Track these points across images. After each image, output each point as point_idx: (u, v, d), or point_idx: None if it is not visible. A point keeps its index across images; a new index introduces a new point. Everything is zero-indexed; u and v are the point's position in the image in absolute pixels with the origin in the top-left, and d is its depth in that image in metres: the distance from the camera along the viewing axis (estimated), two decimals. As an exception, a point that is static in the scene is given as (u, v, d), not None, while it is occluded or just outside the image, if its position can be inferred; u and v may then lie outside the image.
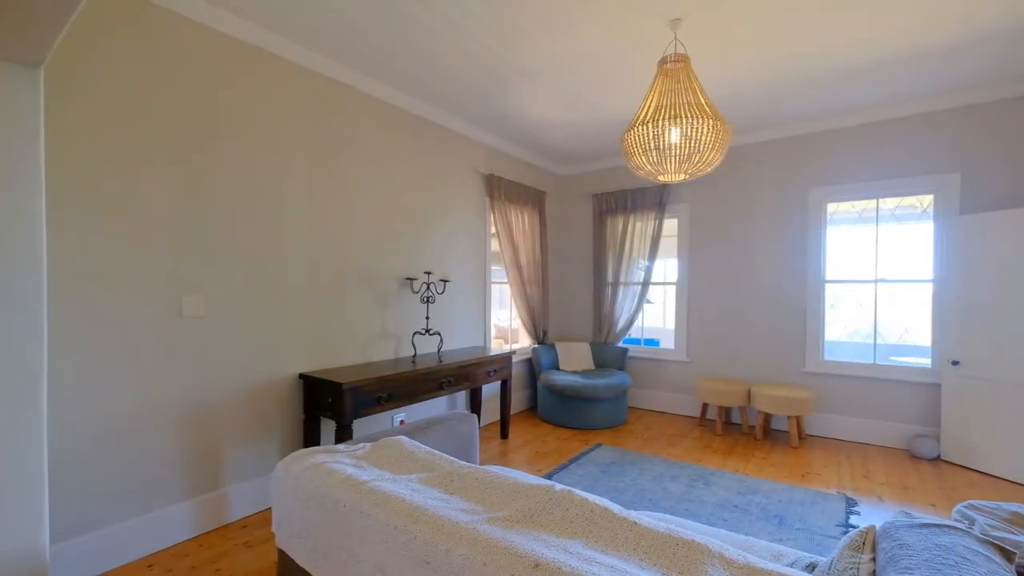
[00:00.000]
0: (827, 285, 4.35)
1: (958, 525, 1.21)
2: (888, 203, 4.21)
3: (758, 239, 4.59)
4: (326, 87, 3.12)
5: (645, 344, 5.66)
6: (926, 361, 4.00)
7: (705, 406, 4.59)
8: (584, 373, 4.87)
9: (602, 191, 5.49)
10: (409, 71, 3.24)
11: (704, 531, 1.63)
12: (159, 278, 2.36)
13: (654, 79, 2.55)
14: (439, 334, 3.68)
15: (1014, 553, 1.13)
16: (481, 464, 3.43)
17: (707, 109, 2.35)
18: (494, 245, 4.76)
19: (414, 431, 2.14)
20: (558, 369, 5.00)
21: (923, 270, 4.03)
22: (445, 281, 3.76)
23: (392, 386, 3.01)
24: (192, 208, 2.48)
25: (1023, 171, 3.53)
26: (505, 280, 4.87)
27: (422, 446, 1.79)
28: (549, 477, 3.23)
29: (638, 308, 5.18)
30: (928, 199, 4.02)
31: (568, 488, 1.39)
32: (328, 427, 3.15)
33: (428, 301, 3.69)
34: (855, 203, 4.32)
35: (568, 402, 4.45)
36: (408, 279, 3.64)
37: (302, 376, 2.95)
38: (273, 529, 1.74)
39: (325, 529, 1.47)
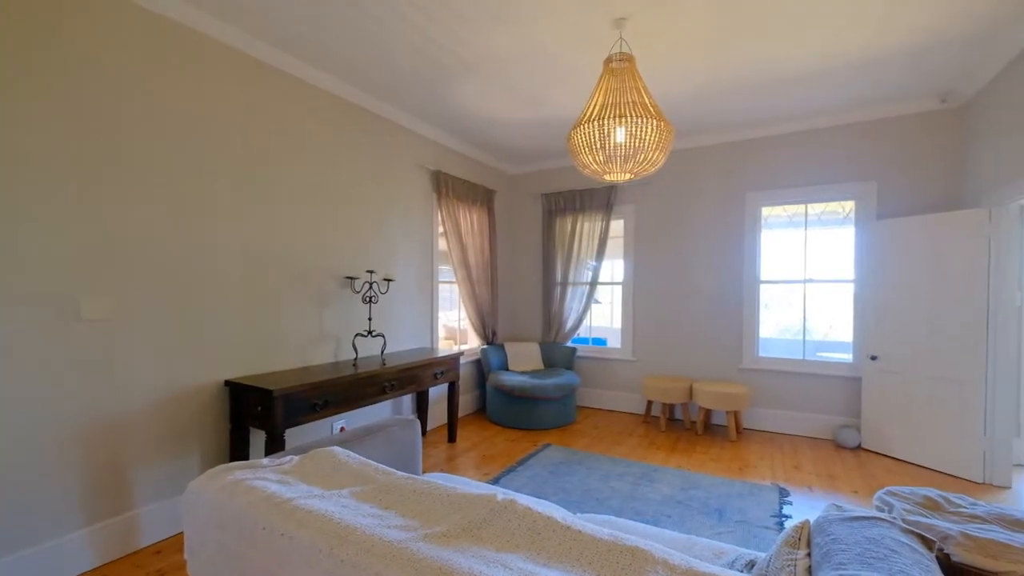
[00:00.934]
0: (762, 285, 4.57)
1: (884, 516, 1.25)
2: (815, 208, 4.48)
3: (699, 240, 4.75)
4: (257, 71, 2.89)
5: (593, 343, 5.73)
6: (848, 356, 4.29)
7: (650, 403, 4.70)
8: (533, 373, 4.84)
9: (551, 191, 5.49)
10: (351, 59, 3.07)
11: (648, 533, 1.62)
12: (50, 276, 2.08)
13: (600, 78, 2.55)
14: (382, 335, 3.51)
15: (934, 541, 1.18)
16: (426, 471, 3.31)
17: (651, 109, 2.37)
18: (442, 244, 4.64)
19: (350, 440, 2.00)
20: (507, 370, 4.95)
21: (846, 271, 4.32)
22: (389, 280, 3.61)
23: (330, 392, 2.83)
24: (95, 200, 2.20)
25: (930, 180, 3.85)
26: (454, 280, 4.76)
27: (357, 457, 1.66)
28: (497, 481, 3.17)
29: (586, 308, 5.22)
30: (850, 205, 4.31)
31: (511, 497, 1.32)
32: (258, 438, 2.92)
33: (371, 301, 3.52)
34: (787, 207, 4.57)
35: (517, 403, 4.40)
36: (349, 278, 3.45)
37: (228, 383, 2.71)
38: (185, 556, 1.56)
39: (243, 555, 1.32)
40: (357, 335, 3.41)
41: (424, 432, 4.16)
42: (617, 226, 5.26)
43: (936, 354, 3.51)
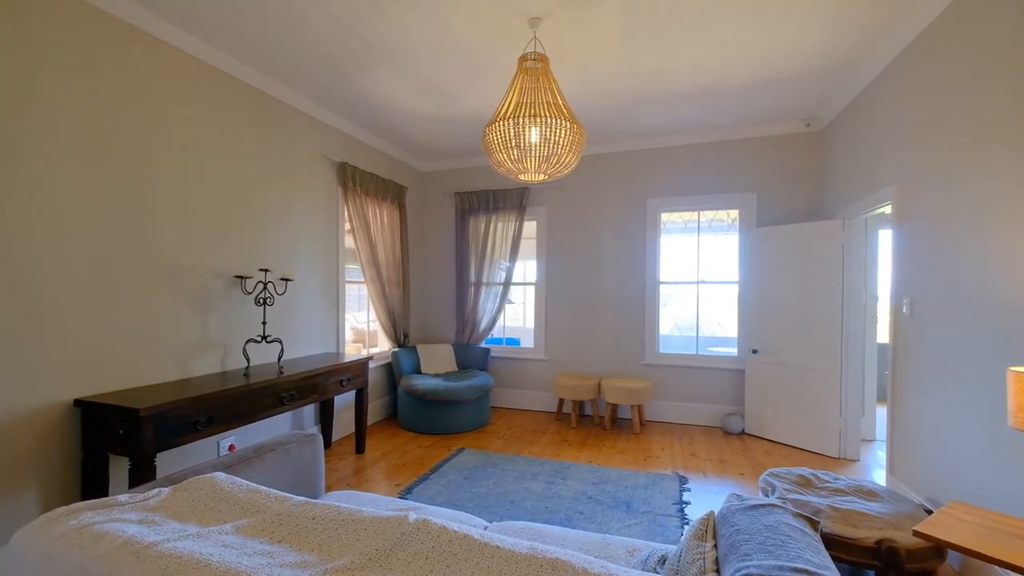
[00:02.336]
0: (661, 286, 4.89)
1: (778, 503, 1.34)
2: (706, 215, 4.90)
3: (606, 243, 4.96)
4: (118, 33, 2.45)
5: (507, 344, 5.75)
6: (734, 351, 4.74)
7: (561, 401, 4.81)
8: (447, 376, 4.72)
9: (465, 190, 5.41)
10: (244, 33, 2.73)
11: (565, 537, 1.61)
12: None
13: (515, 76, 2.52)
14: (279, 341, 3.19)
15: (818, 522, 1.30)
16: (330, 489, 3.06)
17: (565, 111, 2.39)
18: (350, 242, 4.34)
19: (238, 463, 1.75)
20: (420, 373, 4.77)
21: (732, 273, 4.77)
22: (287, 280, 3.28)
23: (215, 406, 2.49)
24: None
25: (799, 194, 4.38)
26: (362, 280, 4.49)
27: (244, 483, 1.45)
28: (409, 491, 3.02)
29: (500, 308, 5.22)
30: (735, 213, 4.76)
31: (424, 516, 1.22)
32: (121, 467, 2.48)
33: (265, 303, 3.17)
34: (682, 214, 4.94)
35: (430, 407, 4.26)
36: (238, 277, 3.08)
37: (80, 402, 2.26)
38: (9, 626, 1.24)
39: (90, 618, 1.07)
40: (249, 341, 3.05)
41: (328, 444, 3.85)
42: (530, 227, 5.33)
43: (803, 347, 4.00)
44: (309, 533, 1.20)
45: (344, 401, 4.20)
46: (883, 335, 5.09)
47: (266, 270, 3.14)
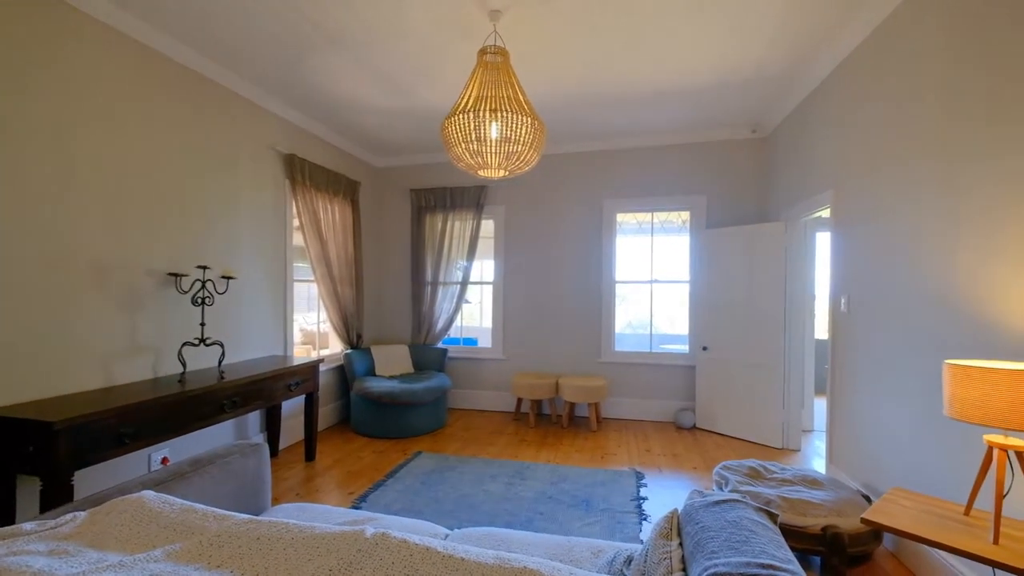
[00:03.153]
0: (617, 285, 4.97)
1: (739, 499, 1.36)
2: (660, 216, 5.03)
3: (564, 242, 4.99)
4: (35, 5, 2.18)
5: (464, 344, 5.67)
6: (685, 348, 4.90)
7: (519, 401, 4.79)
8: (403, 377, 4.59)
9: (421, 187, 5.28)
10: (184, 11, 2.51)
11: (529, 541, 1.57)
12: None
13: (474, 69, 2.46)
14: (220, 344, 2.96)
15: (776, 515, 1.33)
16: (277, 502, 2.87)
17: (526, 106, 2.36)
18: (299, 239, 4.12)
19: (171, 479, 1.59)
20: (374, 375, 4.60)
21: (683, 273, 4.93)
22: (228, 278, 3.06)
23: (145, 416, 2.27)
24: None
25: (746, 196, 4.58)
26: (312, 278, 4.27)
27: (178, 501, 1.31)
28: (364, 499, 2.88)
29: (457, 308, 5.13)
30: (686, 215, 4.92)
31: (382, 530, 1.14)
32: (31, 488, 2.22)
33: (204, 303, 2.94)
34: (636, 215, 5.05)
35: (385, 410, 4.11)
36: (173, 275, 2.83)
37: (-21, 417, 1.99)
38: None
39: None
40: (185, 344, 2.81)
41: (276, 452, 3.63)
42: (487, 226, 5.27)
43: (750, 344, 4.18)
44: (253, 555, 1.10)
45: (293, 406, 3.98)
46: (819, 331, 5.42)
47: (205, 267, 2.91)
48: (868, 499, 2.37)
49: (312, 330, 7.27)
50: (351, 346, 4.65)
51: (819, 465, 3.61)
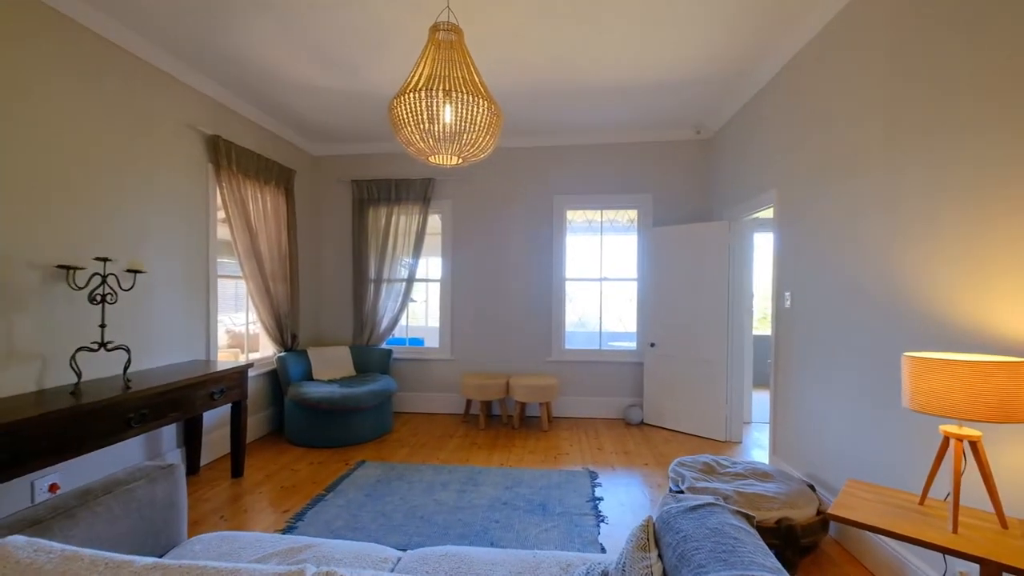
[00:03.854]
0: (567, 283, 4.94)
1: (714, 501, 1.30)
2: (608, 214, 5.06)
3: (513, 239, 4.88)
4: None
5: (410, 344, 5.41)
6: (633, 345, 4.95)
7: (469, 402, 4.63)
8: (344, 381, 4.28)
9: (363, 178, 4.97)
10: (63, -51, 2.12)
11: (493, 560, 1.43)
12: None
13: (425, 47, 2.27)
14: (126, 349, 2.57)
15: (753, 517, 1.28)
16: (196, 530, 2.53)
17: (482, 89, 2.21)
18: (225, 231, 3.70)
19: (51, 516, 1.29)
20: (312, 379, 4.26)
21: (631, 271, 4.98)
22: (136, 272, 2.66)
23: (24, 437, 1.88)
24: None
25: (690, 196, 4.70)
26: (240, 274, 3.87)
27: (56, 547, 1.04)
28: (302, 517, 2.61)
29: (403, 307, 4.88)
30: (634, 213, 4.98)
31: (328, 570, 0.95)
32: None
33: (104, 301, 2.53)
34: (586, 212, 5.04)
35: (325, 417, 3.80)
36: (64, 267, 2.41)
37: None
38: None
39: None
40: (81, 350, 2.40)
41: (196, 470, 3.23)
42: (434, 221, 5.06)
43: (696, 340, 4.28)
44: (158, 613, 0.87)
45: (217, 417, 3.58)
46: (756, 327, 5.69)
47: (106, 259, 2.51)
48: (813, 488, 2.45)
49: (240, 331, 6.68)
50: (285, 348, 4.27)
51: (760, 455, 3.75)
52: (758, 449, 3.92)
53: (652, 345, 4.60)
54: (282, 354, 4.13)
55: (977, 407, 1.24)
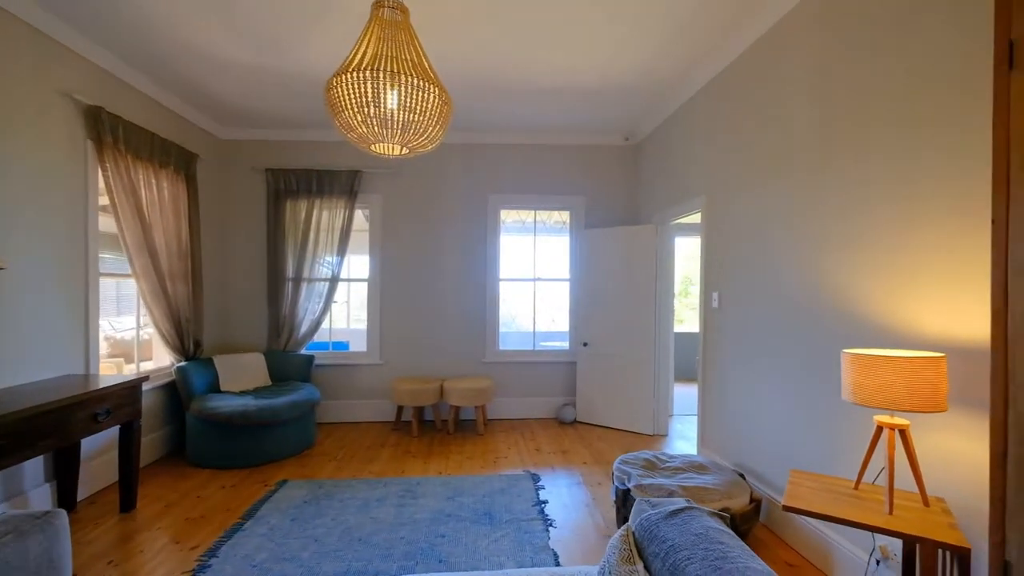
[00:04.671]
0: (501, 283, 4.89)
1: (689, 505, 1.30)
2: (542, 215, 5.09)
3: (446, 237, 4.73)
4: None
5: (334, 348, 5.03)
6: (566, 344, 5.03)
7: (400, 408, 4.40)
8: (259, 392, 3.84)
9: (281, 167, 4.52)
10: None
11: (464, 587, 1.31)
12: None
13: (368, 24, 2.08)
14: (-26, 365, 2.06)
15: (726, 516, 1.29)
16: None
17: (431, 75, 2.06)
18: (109, 222, 3.14)
19: None
20: (219, 391, 3.78)
21: (564, 271, 5.05)
22: (-9, 271, 2.15)
23: None
24: None
25: (621, 199, 4.86)
26: (129, 272, 3.31)
27: None
28: (214, 553, 2.27)
29: (326, 308, 4.51)
30: (566, 215, 5.05)
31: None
32: None
33: (-57, 307, 2.00)
34: (520, 212, 5.03)
35: (238, 434, 3.38)
36: None
37: None
38: None
39: None
40: (-94, 368, 1.87)
41: (73, 506, 2.70)
42: (362, 217, 4.75)
43: (626, 339, 4.44)
44: None
45: (102, 440, 3.02)
46: (677, 326, 6.04)
47: (-55, 254, 1.99)
48: (744, 477, 2.61)
49: (123, 338, 5.80)
50: (186, 357, 3.74)
51: (685, 447, 3.96)
52: (682, 441, 4.15)
53: (585, 344, 4.69)
54: (182, 364, 3.61)
55: (913, 399, 1.36)
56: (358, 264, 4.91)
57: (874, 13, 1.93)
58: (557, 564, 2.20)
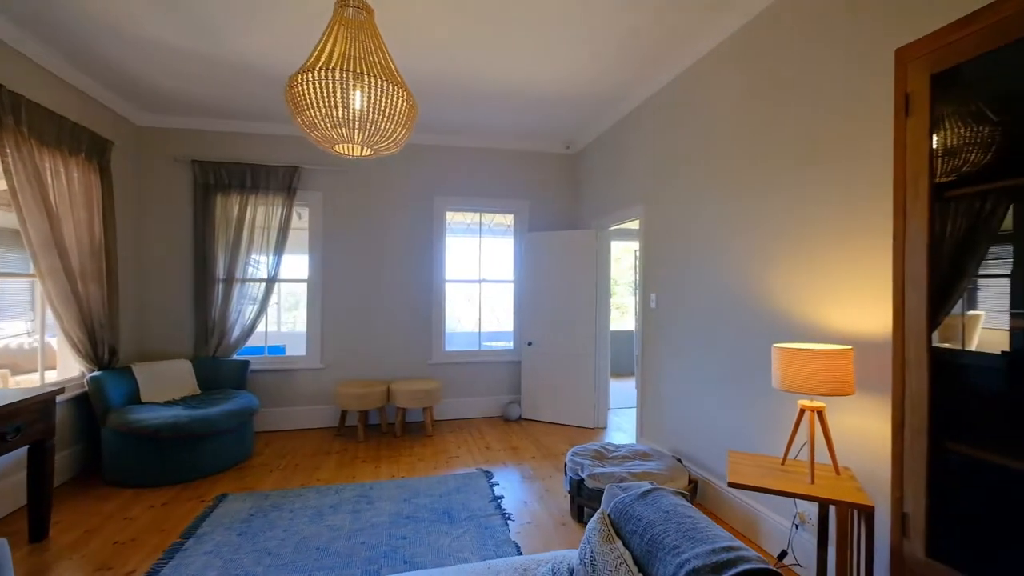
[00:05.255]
0: (447, 284, 4.91)
1: (654, 486, 1.45)
2: (487, 218, 5.17)
3: (391, 238, 4.66)
4: None
5: (270, 353, 4.76)
6: (511, 344, 5.15)
7: (344, 413, 4.28)
8: (188, 402, 3.56)
9: (210, 159, 4.20)
10: None
11: (453, 579, 1.37)
12: None
13: (331, 24, 2.04)
14: None
15: (686, 494, 1.46)
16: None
17: (399, 78, 2.07)
18: (6, 217, 2.78)
19: None
20: (141, 403, 3.45)
21: (509, 273, 5.17)
22: None
23: None
24: None
25: (563, 204, 5.08)
26: (31, 272, 2.94)
27: None
28: (151, 576, 2.10)
29: (261, 311, 4.27)
30: (511, 218, 5.18)
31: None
32: None
33: None
34: (466, 214, 5.08)
35: (166, 448, 3.12)
36: None
37: None
38: None
39: None
40: None
41: (-36, 540, 2.35)
42: (301, 214, 4.54)
43: (569, 337, 4.65)
44: None
45: (3, 462, 2.66)
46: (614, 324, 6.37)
47: None
48: (680, 461, 2.87)
49: (10, 346, 5.06)
50: (100, 366, 3.38)
51: (622, 437, 4.24)
52: (620, 432, 4.43)
53: (529, 344, 4.84)
54: (96, 374, 3.26)
55: (828, 385, 1.62)
56: (297, 264, 4.68)
57: (783, 56, 2.24)
58: (520, 555, 2.29)
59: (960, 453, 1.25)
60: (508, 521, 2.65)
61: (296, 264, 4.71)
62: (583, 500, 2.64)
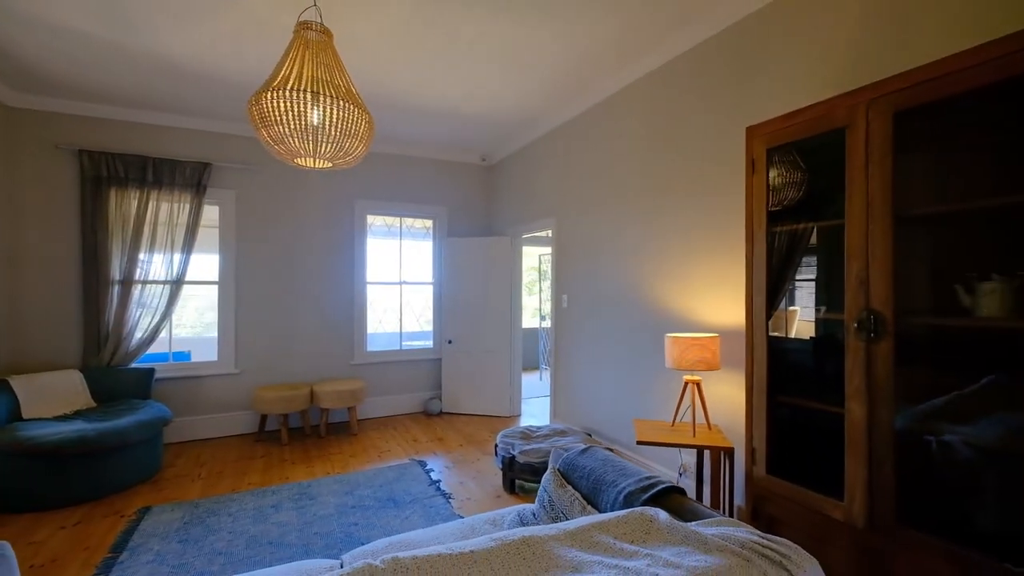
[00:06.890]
0: (368, 286, 5.00)
1: (587, 445, 1.89)
2: (408, 222, 5.35)
3: (310, 240, 4.64)
4: None
5: (175, 359, 4.43)
6: (430, 343, 5.39)
7: (264, 418, 4.19)
8: (86, 415, 3.27)
9: (101, 150, 3.83)
10: None
11: (433, 537, 1.66)
12: None
13: (292, 45, 2.18)
14: None
15: (612, 449, 1.93)
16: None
17: (359, 100, 2.28)
18: None
19: None
20: (22, 419, 3.10)
21: (428, 275, 5.40)
22: None
23: None
24: None
25: (480, 212, 5.45)
26: None
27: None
28: (92, 591, 2.05)
29: (166, 316, 4.01)
30: (430, 222, 5.42)
31: (392, 556, 1.09)
32: None
33: None
34: (387, 218, 5.20)
35: (66, 466, 2.87)
36: None
37: None
38: None
39: None
40: None
41: None
42: (211, 212, 4.32)
43: (487, 334, 5.04)
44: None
45: None
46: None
47: None
48: (591, 436, 3.42)
49: None
50: (-29, 381, 2.98)
51: (535, 422, 4.75)
52: (532, 418, 4.93)
53: (449, 342, 5.14)
54: (-32, 390, 2.88)
55: (703, 363, 2.21)
56: (206, 265, 4.42)
57: (667, 109, 2.86)
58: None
59: (785, 404, 1.87)
60: (449, 500, 2.96)
61: (205, 265, 4.44)
62: (514, 474, 3.04)
